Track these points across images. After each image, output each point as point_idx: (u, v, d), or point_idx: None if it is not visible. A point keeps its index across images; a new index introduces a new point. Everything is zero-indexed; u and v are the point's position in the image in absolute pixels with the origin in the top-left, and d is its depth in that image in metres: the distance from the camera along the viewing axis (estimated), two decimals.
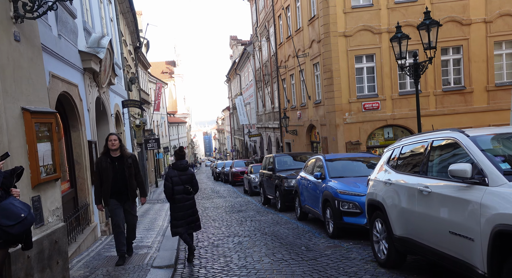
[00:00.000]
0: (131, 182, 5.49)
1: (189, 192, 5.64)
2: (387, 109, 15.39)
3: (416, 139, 4.14)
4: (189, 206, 5.69)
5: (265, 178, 13.09)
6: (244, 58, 36.37)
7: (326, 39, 15.39)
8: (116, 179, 5.43)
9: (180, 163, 5.72)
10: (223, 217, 11.01)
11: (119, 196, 5.51)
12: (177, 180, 5.59)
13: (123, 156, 5.55)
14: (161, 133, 46.02)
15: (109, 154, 5.52)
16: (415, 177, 3.89)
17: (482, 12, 14.85)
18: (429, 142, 3.80)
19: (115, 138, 5.51)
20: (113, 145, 5.46)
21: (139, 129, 18.62)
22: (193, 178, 5.74)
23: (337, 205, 6.43)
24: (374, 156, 8.09)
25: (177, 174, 5.64)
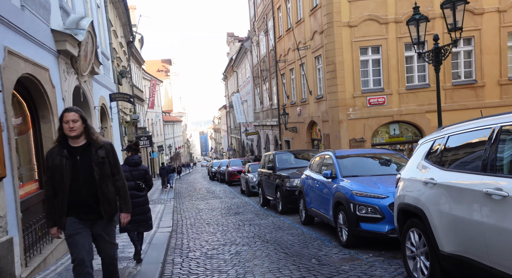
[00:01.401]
0: (104, 188, 3.42)
1: (140, 188, 5.41)
2: (394, 104, 14.43)
3: (471, 126, 3.14)
4: (139, 204, 5.37)
5: (264, 178, 12.09)
6: (241, 54, 35.34)
7: (329, 29, 14.41)
8: (78, 183, 3.37)
9: (132, 158, 5.42)
10: (219, 221, 9.99)
11: (84, 212, 3.41)
12: (128, 175, 5.26)
13: (91, 146, 3.46)
14: (156, 132, 44.95)
15: (66, 143, 3.44)
16: (475, 175, 2.89)
17: (495, 1, 13.92)
18: (495, 128, 2.81)
19: (75, 117, 3.36)
20: (72, 129, 3.35)
21: (129, 126, 17.57)
22: (146, 174, 5.51)
23: (353, 209, 5.44)
24: (390, 152, 7.11)
25: (128, 170, 5.34)
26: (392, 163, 6.71)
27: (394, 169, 6.52)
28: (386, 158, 6.82)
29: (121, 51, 19.06)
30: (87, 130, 3.46)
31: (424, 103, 14.41)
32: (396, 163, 6.70)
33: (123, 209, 3.60)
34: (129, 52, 22.98)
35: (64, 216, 3.34)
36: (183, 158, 71.60)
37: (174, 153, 58.09)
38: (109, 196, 3.44)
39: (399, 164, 6.66)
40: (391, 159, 6.81)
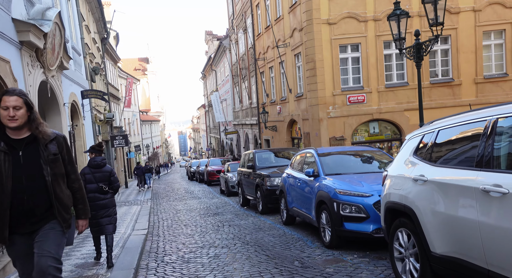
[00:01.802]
0: (59, 192, 2.75)
1: (103, 191, 5.26)
2: (373, 102, 14.43)
3: (463, 119, 2.95)
4: (103, 206, 5.24)
5: (244, 177, 11.81)
6: (220, 52, 34.91)
7: (309, 27, 14.26)
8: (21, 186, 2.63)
9: (94, 160, 5.30)
10: (197, 222, 9.65)
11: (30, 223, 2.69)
12: (90, 177, 5.21)
13: (38, 139, 2.73)
14: (133, 131, 43.93)
15: (3, 134, 2.70)
16: (470, 171, 2.70)
17: (471, 0, 14.12)
18: (490, 120, 2.63)
19: (18, 103, 2.62)
20: (13, 118, 2.62)
21: (104, 124, 16.93)
22: (110, 176, 5.35)
23: (336, 208, 5.23)
24: (373, 150, 6.96)
25: (91, 172, 5.25)
26: (375, 160, 6.56)
27: (377, 166, 6.37)
28: (369, 156, 6.67)
29: (95, 47, 18.36)
30: (32, 119, 2.70)
31: (403, 101, 14.47)
32: (379, 160, 6.55)
33: (81, 215, 2.94)
34: (103, 49, 22.20)
35: (6, 227, 2.60)
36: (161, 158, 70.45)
37: (152, 153, 57.01)
38: (65, 201, 2.77)
39: (382, 161, 6.52)
40: (374, 157, 6.66)
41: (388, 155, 6.83)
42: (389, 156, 6.70)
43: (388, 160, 6.59)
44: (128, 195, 20.65)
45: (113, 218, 5.36)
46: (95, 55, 17.12)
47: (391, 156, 6.69)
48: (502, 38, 14.31)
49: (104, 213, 5.23)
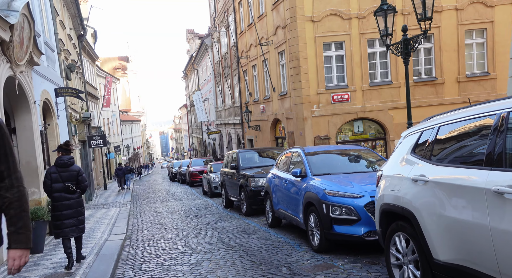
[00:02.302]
0: None
1: (70, 190, 5.18)
2: (358, 101, 14.30)
3: (468, 113, 2.69)
4: (68, 206, 5.15)
5: (227, 178, 11.46)
6: (201, 51, 34.39)
7: (292, 24, 14.02)
8: None
9: (61, 158, 5.21)
10: (178, 225, 9.24)
11: None
12: (57, 177, 5.12)
13: None
14: (113, 132, 42.90)
15: None
16: (479, 170, 2.45)
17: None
18: (501, 115, 2.38)
19: None
20: None
21: (80, 124, 16.25)
22: (78, 175, 5.26)
23: (326, 210, 4.95)
24: (361, 148, 6.72)
25: (57, 171, 5.15)
26: (364, 159, 6.33)
27: (367, 165, 6.14)
28: (357, 154, 6.43)
29: (70, 44, 17.64)
30: None
31: (387, 100, 14.40)
32: (368, 159, 6.32)
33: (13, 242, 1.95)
34: (80, 46, 21.41)
35: None
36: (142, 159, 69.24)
37: (133, 154, 55.91)
38: None
39: (371, 160, 6.29)
40: (363, 155, 6.42)
41: (376, 153, 6.61)
42: (377, 154, 6.48)
43: (376, 159, 6.38)
44: (106, 197, 19.98)
45: (78, 219, 5.24)
46: (70, 52, 16.43)
47: (379, 155, 6.47)
48: (484, 37, 14.42)
49: (70, 214, 5.12)
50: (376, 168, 6.05)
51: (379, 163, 6.15)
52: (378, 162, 6.19)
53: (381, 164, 6.12)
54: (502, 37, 14.23)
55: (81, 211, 5.32)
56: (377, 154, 6.51)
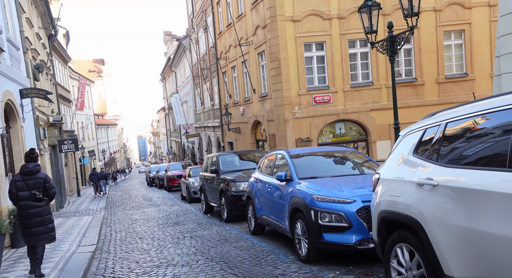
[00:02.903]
0: None
1: (37, 198, 5.07)
2: (339, 102, 14.09)
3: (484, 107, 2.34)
4: (36, 214, 5.04)
5: (206, 182, 10.96)
6: (179, 53, 33.72)
7: (273, 24, 13.69)
8: None
9: (26, 166, 5.11)
10: (155, 234, 8.68)
11: None
12: (22, 185, 5.02)
13: None
14: (87, 136, 41.54)
15: None
16: (501, 173, 2.10)
17: (431, 0, 14.18)
18: None
19: None
20: None
21: (50, 128, 15.38)
22: (45, 183, 5.15)
23: (314, 217, 4.57)
24: (348, 150, 6.37)
25: (22, 179, 5.04)
26: (352, 161, 5.99)
27: (355, 168, 5.80)
28: (344, 156, 6.08)
29: (39, 43, 16.75)
30: None
31: (368, 101, 14.26)
32: (356, 161, 5.99)
33: None
34: (50, 46, 20.46)
35: None
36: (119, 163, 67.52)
37: (109, 158, 54.37)
38: None
39: (359, 162, 5.96)
40: (350, 157, 6.08)
41: (364, 154, 6.29)
42: (364, 155, 6.15)
43: (364, 160, 6.05)
44: (79, 204, 19.07)
45: (48, 227, 5.15)
46: (39, 52, 15.57)
47: (366, 156, 6.14)
48: (462, 38, 14.49)
49: (38, 222, 5.03)
50: (362, 170, 5.71)
51: (367, 165, 5.83)
52: (366, 164, 5.87)
53: (369, 165, 5.80)
54: (479, 39, 14.36)
55: (50, 218, 5.23)
56: (364, 155, 6.19)
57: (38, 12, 17.61)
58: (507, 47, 6.83)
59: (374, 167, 5.70)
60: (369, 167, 5.73)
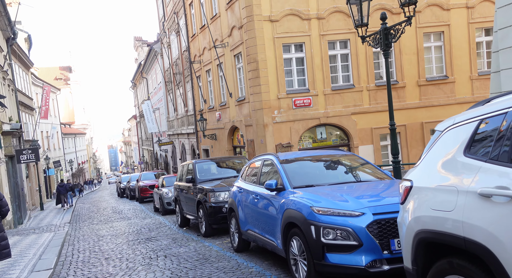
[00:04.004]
0: None
1: None
2: (320, 106, 13.51)
3: None
4: None
5: (182, 192, 10.02)
6: (150, 58, 32.53)
7: (249, 24, 13.01)
8: None
9: None
10: (123, 253, 7.65)
11: None
12: None
13: None
14: (53, 146, 39.34)
15: None
16: None
17: None
18: None
19: None
20: None
21: (7, 136, 13.97)
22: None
23: (315, 233, 3.80)
24: (345, 153, 5.64)
25: None
26: (351, 166, 5.28)
27: (357, 174, 5.08)
28: (342, 161, 5.35)
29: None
30: None
31: (349, 104, 13.77)
32: (356, 166, 5.28)
33: None
34: (8, 50, 18.94)
35: None
36: (88, 174, 64.70)
37: (77, 169, 51.86)
38: None
39: (360, 167, 5.26)
40: (349, 161, 5.37)
41: (361, 158, 5.59)
42: (364, 160, 5.46)
43: (363, 165, 5.34)
44: (42, 218, 17.53)
45: (1, 244, 5.01)
46: None
47: (366, 160, 5.44)
48: (441, 40, 14.31)
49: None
50: (364, 176, 5.00)
51: (368, 170, 5.12)
52: (367, 168, 5.16)
53: (372, 170, 5.09)
54: (458, 40, 14.22)
55: (3, 235, 5.08)
56: (362, 159, 5.50)
57: None
58: (506, 41, 6.37)
59: (377, 173, 5.01)
60: (372, 173, 5.03)
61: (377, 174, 5.00)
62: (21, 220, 15.76)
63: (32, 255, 8.13)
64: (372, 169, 5.16)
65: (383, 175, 4.94)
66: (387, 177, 4.89)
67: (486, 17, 14.10)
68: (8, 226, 13.71)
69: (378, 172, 5.06)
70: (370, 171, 5.10)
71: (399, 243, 3.54)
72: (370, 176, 4.96)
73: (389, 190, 4.16)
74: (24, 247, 9.33)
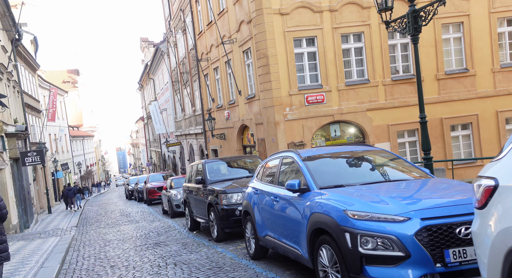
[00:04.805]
0: None
1: None
2: (333, 102, 12.90)
3: None
4: None
5: (191, 194, 9.49)
6: (157, 58, 32.16)
7: (259, 17, 12.45)
8: None
9: None
10: (130, 260, 7.14)
11: None
12: None
13: None
14: (61, 148, 39.20)
15: None
16: None
17: None
18: None
19: None
20: None
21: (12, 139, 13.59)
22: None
23: (351, 242, 3.22)
24: (374, 149, 5.00)
25: None
26: (384, 163, 4.67)
27: (391, 172, 4.48)
28: (372, 157, 4.71)
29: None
30: None
31: (364, 100, 13.12)
32: (389, 163, 4.67)
33: None
34: (13, 50, 18.63)
35: None
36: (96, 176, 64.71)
37: (86, 172, 51.78)
38: None
39: (393, 164, 4.65)
40: (379, 158, 4.76)
41: (395, 154, 4.96)
42: (396, 156, 4.85)
43: (396, 162, 4.72)
44: (49, 222, 17.17)
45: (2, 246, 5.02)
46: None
47: (399, 156, 4.83)
48: (461, 31, 13.60)
49: None
50: (401, 174, 4.38)
51: (404, 168, 4.51)
52: (402, 166, 4.55)
53: (409, 168, 4.48)
54: (479, 31, 13.49)
55: (3, 238, 5.10)
56: (394, 154, 4.88)
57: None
58: None
59: (413, 170, 4.41)
60: (407, 170, 4.43)
61: (414, 171, 4.40)
62: (27, 224, 15.39)
63: (34, 262, 7.67)
64: (406, 166, 4.56)
65: (421, 173, 4.34)
66: (426, 175, 4.29)
67: (509, 6, 13.37)
68: (13, 231, 13.33)
69: (414, 169, 4.46)
70: (404, 168, 4.50)
71: (455, 255, 2.95)
72: (405, 174, 4.36)
73: (435, 190, 3.58)
74: (27, 254, 8.88)
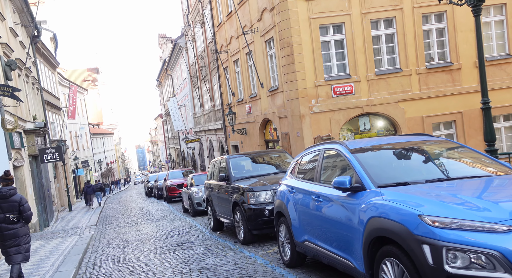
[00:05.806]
0: None
1: (10, 221, 5.14)
2: (363, 93, 12.03)
3: None
4: (11, 236, 5.14)
5: (214, 192, 8.86)
6: (175, 53, 31.74)
7: (282, 4, 11.68)
8: None
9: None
10: (150, 264, 6.56)
11: None
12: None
13: None
14: (82, 146, 39.46)
15: None
16: None
17: None
18: None
19: None
20: None
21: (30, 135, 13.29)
22: (20, 206, 5.19)
23: (433, 257, 2.47)
24: (435, 139, 4.17)
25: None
26: (453, 156, 3.84)
27: (465, 166, 3.66)
28: (438, 150, 3.86)
29: (15, 40, 14.72)
30: None
31: (396, 90, 12.20)
32: (458, 156, 3.85)
33: None
34: (33, 47, 18.44)
35: None
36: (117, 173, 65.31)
37: (106, 169, 52.18)
38: None
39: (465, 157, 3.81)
40: (447, 150, 3.91)
41: (465, 146, 4.09)
42: (468, 147, 3.98)
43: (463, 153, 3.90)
44: (69, 220, 16.93)
45: (23, 247, 5.24)
46: (13, 49, 13.52)
47: (470, 148, 3.99)
48: (503, 14, 12.48)
49: (12, 242, 5.16)
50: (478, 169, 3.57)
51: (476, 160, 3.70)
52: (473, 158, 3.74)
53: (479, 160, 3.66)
54: None
55: (26, 239, 5.32)
56: (462, 145, 4.04)
57: (14, 7, 15.62)
58: None
59: (491, 164, 3.58)
60: (484, 165, 3.62)
61: (492, 165, 3.58)
62: (47, 222, 15.14)
63: (50, 265, 7.19)
64: (481, 159, 3.74)
65: (502, 167, 3.52)
66: (508, 169, 3.48)
67: None
68: (33, 229, 13.05)
69: (492, 162, 3.64)
70: (479, 162, 3.69)
71: None
72: (482, 169, 3.55)
73: None
74: (44, 255, 8.44)
